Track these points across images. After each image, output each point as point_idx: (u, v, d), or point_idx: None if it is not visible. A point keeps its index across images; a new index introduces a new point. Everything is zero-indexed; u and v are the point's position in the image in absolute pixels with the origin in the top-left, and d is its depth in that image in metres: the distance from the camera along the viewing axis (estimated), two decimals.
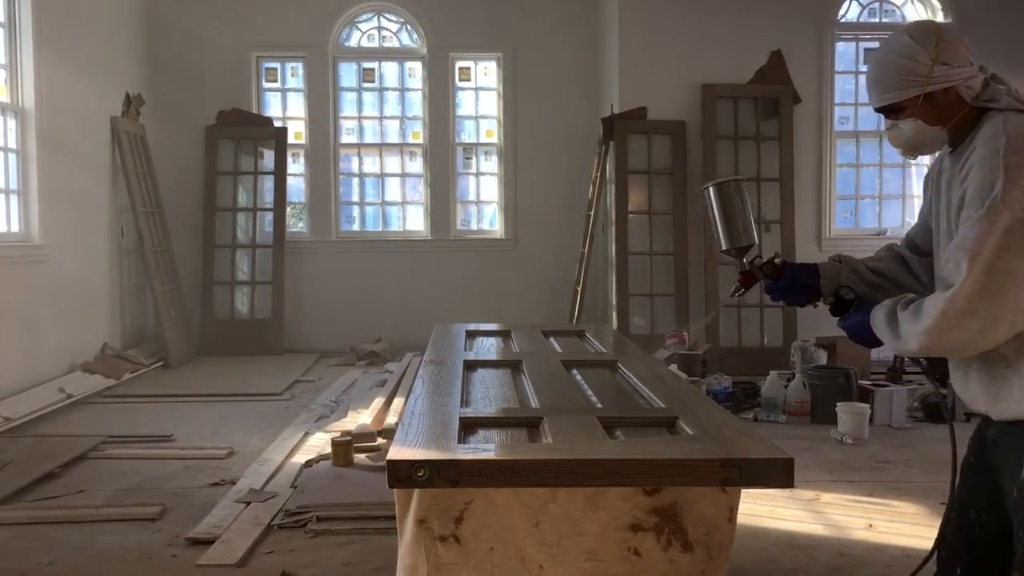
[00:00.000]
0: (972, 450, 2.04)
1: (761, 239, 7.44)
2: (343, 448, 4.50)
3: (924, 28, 1.88)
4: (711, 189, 2.26)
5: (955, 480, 2.07)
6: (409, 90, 8.74)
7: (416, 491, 1.82)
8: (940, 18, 7.82)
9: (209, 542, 3.45)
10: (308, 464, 4.52)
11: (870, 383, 5.71)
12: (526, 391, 2.52)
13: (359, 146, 8.76)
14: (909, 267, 2.16)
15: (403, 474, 1.73)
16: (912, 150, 1.97)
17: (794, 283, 2.18)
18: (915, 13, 8.00)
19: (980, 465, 1.99)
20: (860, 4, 8.02)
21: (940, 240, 1.96)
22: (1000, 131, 1.76)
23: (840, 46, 7.95)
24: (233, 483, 4.23)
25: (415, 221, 8.78)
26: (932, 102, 1.86)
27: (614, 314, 7.59)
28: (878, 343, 1.94)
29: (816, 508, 3.93)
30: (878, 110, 1.96)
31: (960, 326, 1.70)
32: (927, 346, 1.77)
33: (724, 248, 2.26)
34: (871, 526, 3.70)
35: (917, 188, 8.11)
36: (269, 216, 8.41)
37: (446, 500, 1.81)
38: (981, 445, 1.98)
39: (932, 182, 2.03)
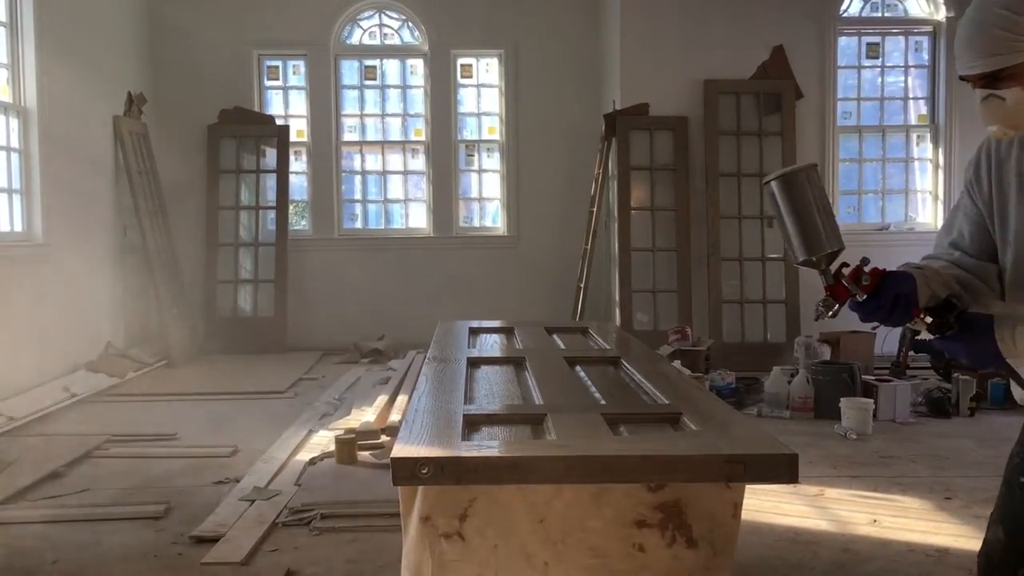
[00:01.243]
0: (1020, 467, 1.85)
1: (763, 235, 7.46)
2: (347, 446, 4.51)
3: None
4: (775, 184, 1.79)
5: None
6: (411, 87, 8.74)
7: (420, 488, 1.82)
8: (943, 13, 7.80)
9: (213, 540, 3.46)
10: (312, 462, 4.52)
11: (874, 378, 5.70)
12: (530, 388, 2.52)
13: (361, 144, 8.76)
14: (974, 273, 1.88)
15: (407, 471, 1.73)
16: (1015, 126, 1.69)
17: (898, 296, 1.76)
18: (917, 8, 7.98)
19: None
20: None
21: (1013, 238, 1.79)
22: None
23: (842, 41, 7.93)
24: (237, 481, 4.23)
25: (417, 218, 8.78)
26: None
27: (617, 310, 7.59)
28: (997, 358, 1.72)
29: (820, 503, 3.93)
30: (971, 78, 1.69)
31: None
32: None
33: (800, 260, 1.80)
34: (875, 521, 3.69)
35: (920, 183, 8.09)
36: (272, 214, 8.41)
37: (450, 497, 1.81)
38: None
39: (992, 175, 1.82)
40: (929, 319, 1.77)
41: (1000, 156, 1.79)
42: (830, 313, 1.82)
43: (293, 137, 8.53)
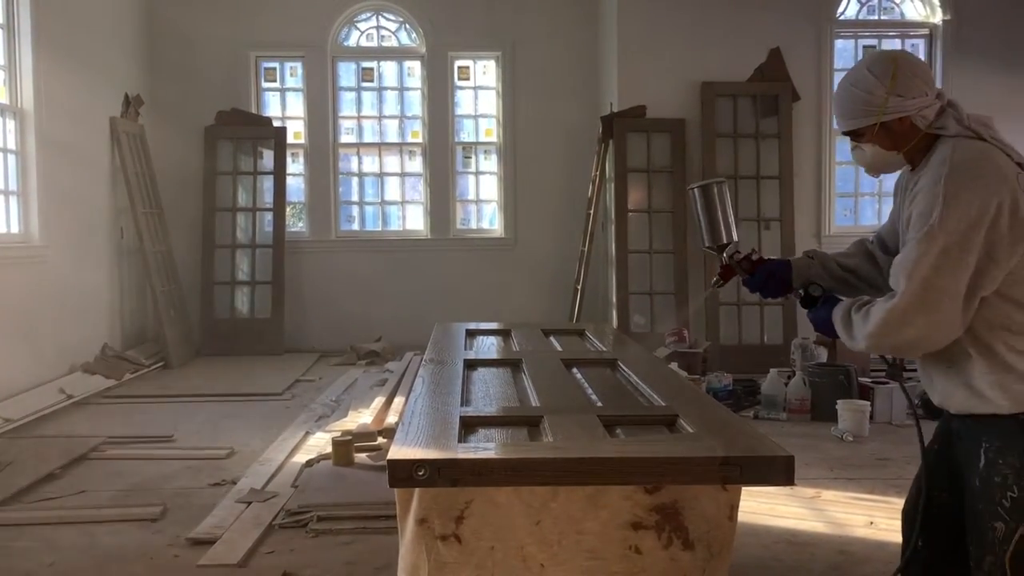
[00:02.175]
0: (937, 438, 2.19)
1: (760, 236, 7.48)
2: (344, 448, 4.51)
3: (883, 62, 2.04)
4: (695, 191, 2.47)
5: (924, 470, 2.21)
6: (408, 89, 8.74)
7: (417, 490, 1.82)
8: (939, 15, 7.82)
9: (210, 542, 3.46)
10: (309, 464, 4.52)
11: (870, 380, 5.71)
12: (526, 390, 2.52)
13: (358, 145, 8.76)
14: (877, 263, 2.30)
15: (404, 473, 1.73)
16: (873, 170, 2.20)
17: (769, 277, 2.37)
18: (914, 11, 8.00)
19: (944, 452, 2.14)
20: (859, 1, 8.02)
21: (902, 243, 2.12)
22: (946, 160, 1.93)
23: (839, 43, 7.95)
24: (234, 483, 4.23)
25: (415, 220, 8.78)
26: (888, 130, 2.05)
27: (614, 312, 7.59)
28: (836, 335, 2.13)
29: (817, 505, 3.93)
30: (842, 133, 2.17)
31: (898, 333, 1.92)
32: (871, 347, 2.00)
33: (706, 245, 2.47)
34: (872, 523, 3.70)
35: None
36: (269, 216, 8.41)
37: (447, 499, 1.81)
38: (946, 435, 2.13)
39: (898, 192, 2.23)
40: (800, 294, 2.27)
41: (907, 176, 2.16)
42: (716, 285, 2.51)
43: (290, 139, 8.53)
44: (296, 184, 8.70)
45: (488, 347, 3.39)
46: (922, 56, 8.00)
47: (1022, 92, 7.62)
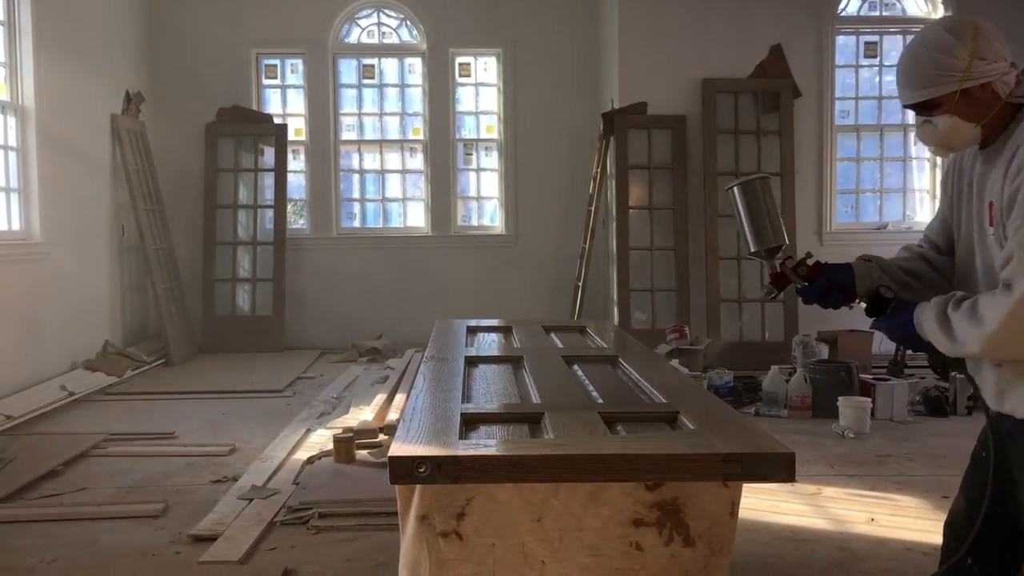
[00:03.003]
0: (984, 443, 2.01)
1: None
2: (345, 445, 4.51)
3: (962, 22, 1.86)
4: (736, 189, 2.17)
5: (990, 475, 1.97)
6: (409, 86, 8.74)
7: (418, 487, 1.82)
8: (941, 11, 7.80)
9: (212, 539, 3.46)
10: (310, 461, 4.52)
11: (871, 377, 5.70)
12: (527, 387, 2.52)
13: (359, 142, 8.76)
14: (934, 266, 2.14)
15: (405, 470, 1.73)
16: (946, 148, 1.95)
17: (832, 284, 2.10)
18: (916, 7, 7.99)
19: (992, 457, 1.95)
20: None
21: (964, 239, 1.98)
22: None
23: (840, 40, 7.94)
24: (235, 480, 4.23)
25: (416, 217, 8.78)
26: (969, 98, 1.84)
27: (615, 309, 7.59)
28: (921, 344, 1.90)
29: (817, 502, 3.93)
30: (910, 106, 1.92)
31: None
32: (989, 349, 1.75)
33: (752, 251, 2.16)
34: (873, 520, 3.70)
35: (918, 182, 8.11)
36: (270, 213, 8.41)
37: (448, 496, 1.81)
38: (995, 438, 1.94)
39: (953, 182, 2.03)
40: (863, 304, 2.04)
41: (963, 165, 2.00)
42: (771, 296, 2.21)
43: (291, 136, 8.53)
44: (297, 181, 8.70)
45: (489, 344, 3.39)
46: None
47: None
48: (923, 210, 8.09)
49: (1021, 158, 1.75)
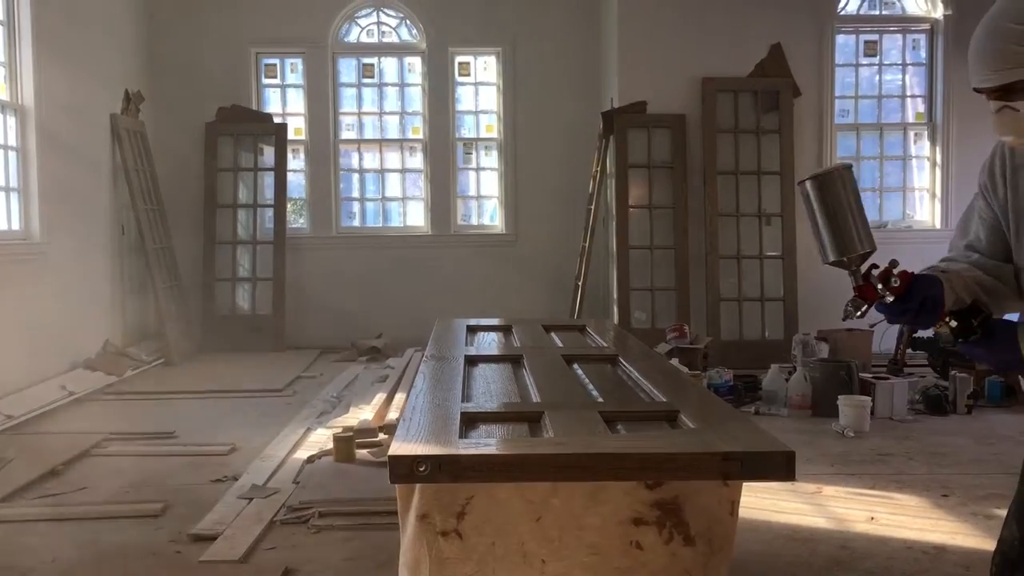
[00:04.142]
0: None
1: (761, 232, 7.47)
2: (345, 444, 4.51)
3: None
4: (809, 184, 1.79)
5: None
6: (409, 85, 8.73)
7: (418, 486, 1.82)
8: (940, 10, 7.81)
9: (212, 538, 3.46)
10: (310, 460, 4.52)
11: (871, 376, 5.70)
12: (527, 386, 2.52)
13: (359, 142, 8.75)
14: (991, 274, 1.90)
15: (405, 469, 1.73)
16: None
17: (925, 299, 1.78)
18: (915, 6, 7.98)
19: None
20: None
21: None
22: None
23: (840, 39, 7.94)
24: (235, 479, 4.23)
25: (415, 217, 8.78)
26: None
27: (615, 308, 7.59)
28: (1022, 366, 1.74)
29: (817, 501, 3.93)
30: (984, 90, 1.67)
31: None
32: None
33: (832, 259, 1.80)
34: (873, 519, 3.70)
35: (918, 181, 8.10)
36: (270, 212, 8.41)
37: (448, 495, 1.81)
38: None
39: (1008, 181, 1.85)
40: (954, 323, 1.77)
41: (1016, 162, 1.81)
42: (858, 313, 1.83)
43: (291, 135, 8.53)
44: (297, 180, 8.69)
45: (489, 343, 3.39)
46: (923, 52, 8.00)
47: None
48: (923, 209, 8.09)
49: None
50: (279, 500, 3.89)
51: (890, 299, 1.78)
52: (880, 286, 1.78)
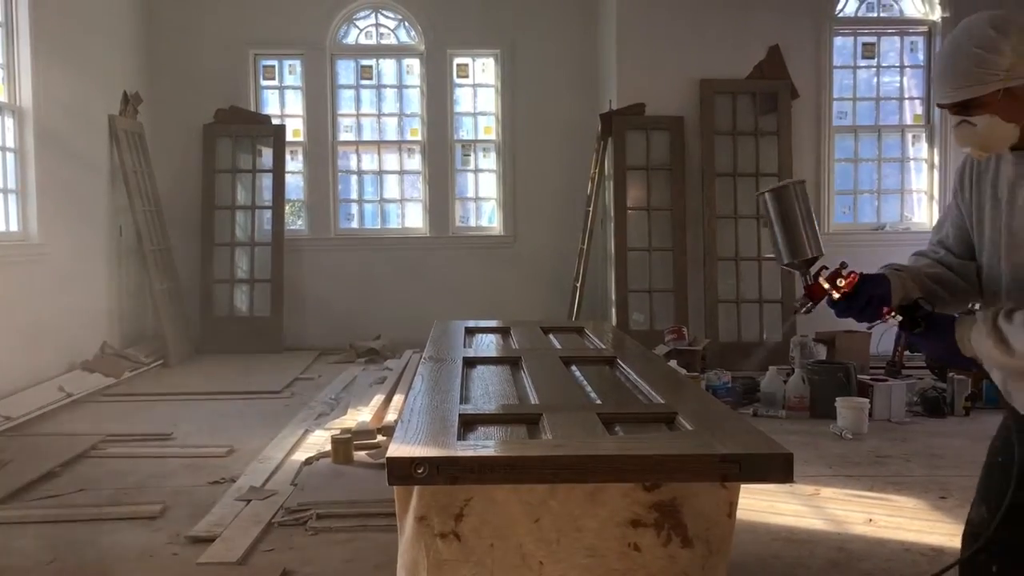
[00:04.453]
0: (1001, 449, 2.02)
1: (759, 235, 7.47)
2: (343, 446, 4.51)
3: (1005, 19, 1.79)
4: (768, 196, 2.04)
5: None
6: (407, 87, 8.74)
7: (416, 488, 1.82)
8: (938, 12, 7.82)
9: (209, 540, 3.46)
10: (308, 462, 4.52)
11: (869, 378, 5.71)
12: (525, 388, 2.52)
13: (357, 143, 8.76)
14: (956, 272, 2.07)
15: (403, 471, 1.73)
16: (984, 149, 1.88)
17: (871, 297, 1.97)
18: (913, 8, 8.00)
19: (1009, 460, 1.95)
20: None
21: (989, 245, 1.94)
22: None
23: (838, 41, 7.95)
24: (233, 481, 4.23)
25: (414, 218, 8.78)
26: (1013, 97, 1.78)
27: (613, 310, 7.59)
28: (961, 360, 1.88)
29: (816, 503, 3.94)
30: (946, 106, 1.86)
31: None
32: None
33: (786, 262, 2.04)
34: (871, 520, 3.70)
35: (916, 183, 8.11)
36: (268, 214, 8.40)
37: (446, 497, 1.81)
38: (1013, 441, 1.95)
39: (973, 184, 1.98)
40: (899, 317, 1.94)
41: (980, 168, 1.96)
42: (804, 310, 2.05)
43: (289, 137, 8.53)
44: (295, 182, 8.69)
45: (487, 345, 3.39)
46: (921, 54, 8.01)
47: None
48: (920, 211, 8.10)
49: None
50: (277, 502, 3.89)
51: (837, 296, 1.98)
52: (827, 285, 1.98)
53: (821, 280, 1.99)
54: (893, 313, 1.95)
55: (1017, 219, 1.84)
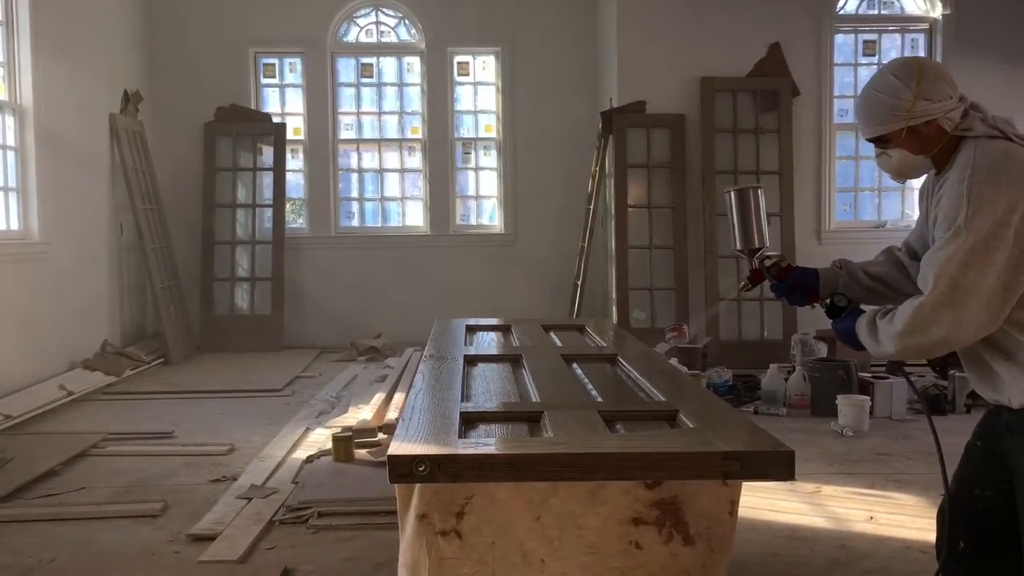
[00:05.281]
0: (979, 434, 2.21)
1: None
2: (344, 444, 4.51)
3: (907, 67, 2.06)
4: (732, 193, 2.48)
5: (945, 468, 2.24)
6: (407, 85, 8.73)
7: (417, 486, 1.82)
8: (939, 10, 7.81)
9: (211, 538, 3.46)
10: (309, 460, 4.52)
11: (870, 375, 5.70)
12: (526, 385, 2.52)
13: (358, 142, 8.75)
14: (906, 271, 2.30)
15: (404, 469, 1.73)
16: (899, 176, 2.20)
17: (796, 285, 2.38)
18: (914, 5, 7.98)
19: (989, 448, 2.14)
20: None
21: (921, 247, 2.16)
22: (970, 160, 1.94)
23: (839, 38, 7.94)
24: (234, 479, 4.23)
25: (414, 216, 8.78)
26: (915, 134, 2.04)
27: (614, 308, 7.59)
28: (862, 347, 2.13)
29: (817, 501, 3.94)
30: (867, 139, 2.15)
31: (926, 332, 1.92)
32: (899, 349, 1.99)
33: (738, 248, 2.47)
34: (872, 518, 3.70)
35: (916, 181, 8.07)
36: (268, 212, 8.40)
37: (447, 495, 1.81)
38: (991, 430, 2.13)
39: (924, 198, 2.21)
40: (824, 305, 2.28)
41: (930, 185, 2.17)
42: (746, 288, 2.51)
43: (290, 135, 8.53)
44: (296, 180, 8.69)
45: (488, 343, 3.39)
46: (922, 51, 8.00)
47: (1023, 85, 7.61)
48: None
49: (946, 188, 1.97)
50: (278, 500, 3.89)
51: (772, 283, 2.43)
52: (765, 271, 2.43)
53: (762, 267, 2.43)
54: (817, 302, 2.33)
55: (929, 231, 2.06)
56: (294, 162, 8.65)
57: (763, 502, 3.83)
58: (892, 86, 2.04)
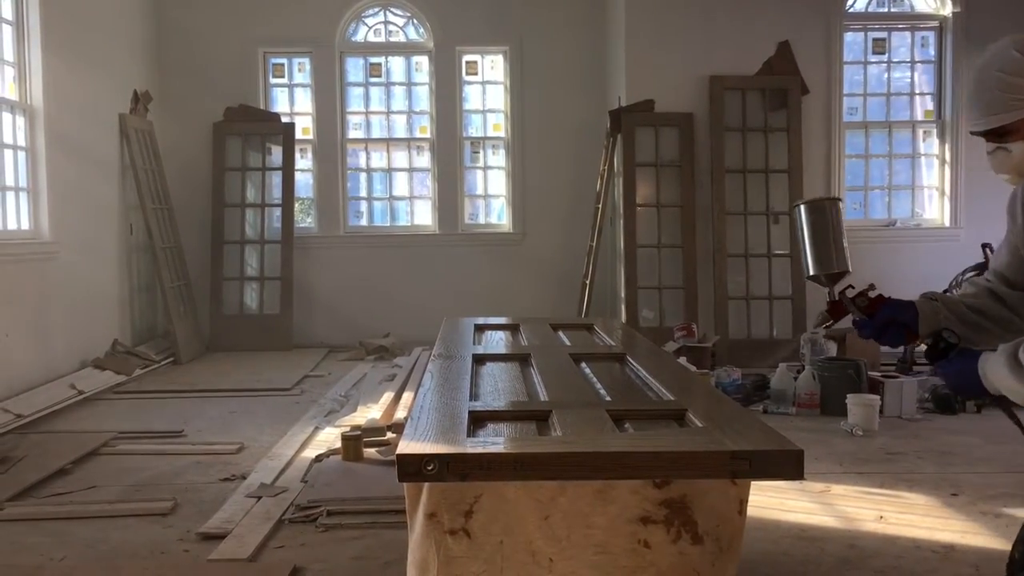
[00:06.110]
0: None
1: (769, 231, 7.45)
2: (353, 443, 4.51)
3: None
4: (802, 208, 2.12)
5: None
6: (416, 84, 8.74)
7: (426, 485, 1.82)
8: (949, 8, 7.77)
9: (220, 537, 3.47)
10: (318, 459, 4.53)
11: (880, 375, 5.68)
12: (535, 384, 2.52)
13: (366, 141, 8.76)
14: (1006, 303, 1.98)
15: (413, 468, 1.73)
16: (1021, 175, 1.84)
17: (891, 322, 1.98)
18: (924, 3, 7.95)
19: None
20: None
21: None
22: None
23: (849, 36, 7.91)
24: (244, 478, 4.24)
25: (423, 216, 8.79)
26: None
27: (622, 307, 7.58)
28: (983, 393, 1.80)
29: (826, 500, 3.92)
30: (978, 133, 1.83)
31: None
32: None
33: (811, 274, 2.10)
34: (881, 518, 3.69)
35: (927, 179, 8.07)
36: (277, 212, 8.42)
37: (456, 494, 1.81)
38: None
39: (1018, 209, 1.91)
40: (924, 347, 1.91)
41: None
42: (824, 326, 2.11)
43: (298, 135, 8.54)
44: (304, 180, 8.71)
45: (497, 342, 3.39)
46: (932, 49, 7.97)
47: None
48: (932, 207, 8.05)
49: None
50: (287, 499, 3.90)
51: (858, 317, 2.00)
52: (849, 304, 2.01)
53: (844, 298, 2.00)
54: (919, 341, 1.91)
55: None
56: (303, 162, 8.66)
57: (772, 501, 3.82)
58: (1015, 63, 1.71)
